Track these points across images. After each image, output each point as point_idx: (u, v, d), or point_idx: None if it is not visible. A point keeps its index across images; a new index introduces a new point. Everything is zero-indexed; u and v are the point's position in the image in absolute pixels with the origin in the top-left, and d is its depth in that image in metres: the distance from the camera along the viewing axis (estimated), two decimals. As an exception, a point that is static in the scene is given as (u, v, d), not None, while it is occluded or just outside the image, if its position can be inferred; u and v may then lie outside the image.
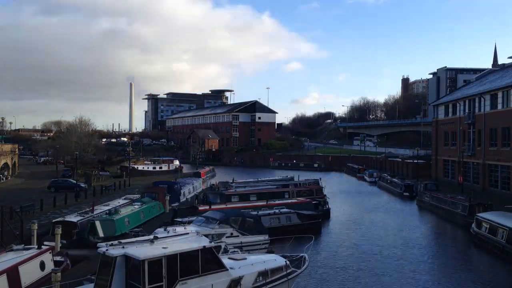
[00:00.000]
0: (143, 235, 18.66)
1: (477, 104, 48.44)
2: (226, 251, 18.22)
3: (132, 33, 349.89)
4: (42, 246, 17.52)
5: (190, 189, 45.96)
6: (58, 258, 19.00)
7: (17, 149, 73.97)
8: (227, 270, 14.25)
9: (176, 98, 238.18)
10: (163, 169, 79.31)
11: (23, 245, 17.95)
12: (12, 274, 14.76)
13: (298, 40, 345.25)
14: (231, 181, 51.84)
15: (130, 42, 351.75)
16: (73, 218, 26.39)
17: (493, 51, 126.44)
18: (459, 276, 21.10)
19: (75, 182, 48.01)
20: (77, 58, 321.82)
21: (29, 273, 15.65)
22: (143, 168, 77.32)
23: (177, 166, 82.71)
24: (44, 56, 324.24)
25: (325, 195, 40.60)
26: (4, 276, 14.37)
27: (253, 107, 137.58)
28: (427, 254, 25.75)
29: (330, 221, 35.36)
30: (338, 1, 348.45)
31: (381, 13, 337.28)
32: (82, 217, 26.53)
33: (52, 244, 21.01)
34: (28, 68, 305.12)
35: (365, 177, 71.32)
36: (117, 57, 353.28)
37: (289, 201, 35.15)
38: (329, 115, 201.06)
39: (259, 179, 55.72)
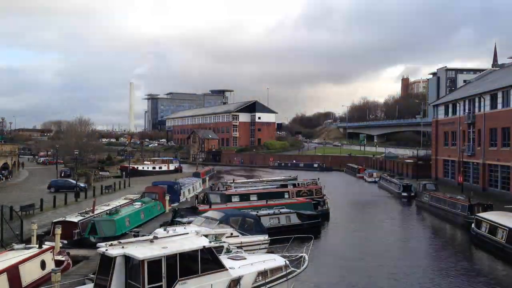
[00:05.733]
0: (143, 235, 18.66)
1: (477, 104, 48.45)
2: (228, 251, 18.22)
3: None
4: (43, 246, 17.53)
5: (190, 189, 45.97)
6: (58, 258, 19.02)
7: (17, 149, 74.00)
8: (227, 270, 14.26)
9: (176, 98, 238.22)
10: (162, 169, 79.31)
11: (23, 244, 17.95)
12: (13, 273, 14.77)
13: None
14: (231, 181, 51.83)
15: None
16: (74, 218, 26.38)
17: (493, 51, 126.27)
18: (459, 276, 21.11)
19: (75, 182, 48.00)
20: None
21: (30, 272, 15.66)
22: (143, 168, 77.36)
23: (176, 166, 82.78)
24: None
25: (325, 195, 40.62)
26: (5, 275, 14.38)
27: (253, 107, 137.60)
28: (426, 254, 25.77)
29: (330, 221, 35.37)
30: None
31: (382, 12, 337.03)
32: (82, 217, 26.54)
33: (52, 244, 21.02)
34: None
35: (364, 177, 71.35)
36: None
37: (289, 201, 35.16)
38: (328, 115, 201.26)
39: (260, 179, 55.63)
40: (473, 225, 27.85)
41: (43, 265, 16.54)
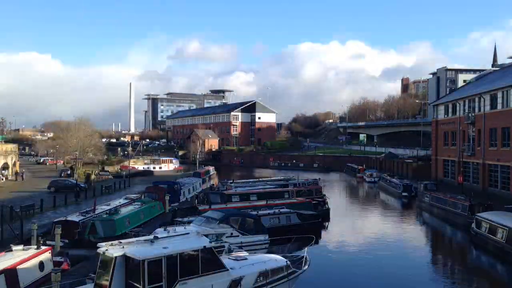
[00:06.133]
0: (143, 235, 18.64)
1: (477, 104, 48.42)
2: (230, 251, 18.21)
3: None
4: (42, 246, 17.48)
5: (190, 189, 45.95)
6: (58, 258, 18.97)
7: (17, 149, 73.90)
8: (228, 270, 14.24)
9: (176, 98, 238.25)
10: (162, 169, 79.32)
11: (22, 245, 17.91)
12: (10, 274, 14.70)
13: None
14: (231, 181, 51.81)
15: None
16: (75, 217, 26.38)
17: (493, 51, 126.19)
18: (459, 276, 21.11)
19: (75, 182, 47.98)
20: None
21: (28, 273, 15.58)
22: (143, 168, 77.38)
23: (176, 166, 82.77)
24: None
25: (325, 195, 40.61)
26: (2, 277, 14.32)
27: (253, 107, 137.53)
28: (426, 254, 25.78)
29: (330, 221, 35.35)
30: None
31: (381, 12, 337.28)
32: (83, 217, 26.53)
33: (53, 244, 21.00)
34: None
35: (364, 177, 71.27)
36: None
37: (289, 201, 35.12)
38: (328, 114, 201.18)
39: (260, 179, 55.68)
40: (473, 225, 27.83)
41: (41, 266, 16.47)
